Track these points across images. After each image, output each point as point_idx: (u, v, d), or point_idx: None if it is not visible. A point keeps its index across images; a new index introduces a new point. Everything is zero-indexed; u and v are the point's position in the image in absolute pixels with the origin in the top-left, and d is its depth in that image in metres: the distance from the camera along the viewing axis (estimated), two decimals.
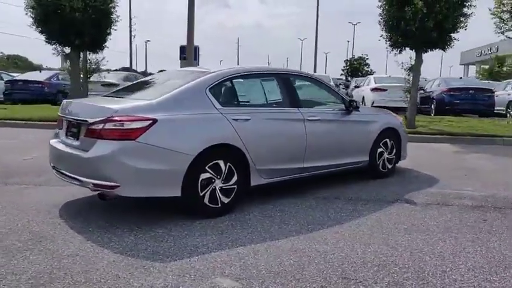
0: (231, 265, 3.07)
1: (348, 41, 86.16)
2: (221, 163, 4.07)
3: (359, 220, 4.13)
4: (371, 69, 49.95)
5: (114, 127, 3.64)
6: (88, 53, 12.51)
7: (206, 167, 3.97)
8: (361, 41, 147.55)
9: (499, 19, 12.19)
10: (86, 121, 3.83)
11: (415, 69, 11.07)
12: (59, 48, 12.15)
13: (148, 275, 2.89)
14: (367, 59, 51.88)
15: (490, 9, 12.05)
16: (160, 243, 3.45)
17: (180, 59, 22.08)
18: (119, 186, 3.61)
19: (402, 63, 11.10)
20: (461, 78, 18.52)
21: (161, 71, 12.31)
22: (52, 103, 16.67)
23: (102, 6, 11.73)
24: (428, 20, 9.74)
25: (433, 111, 15.80)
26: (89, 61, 12.72)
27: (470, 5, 10.17)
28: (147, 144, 3.67)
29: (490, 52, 46.39)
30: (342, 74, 52.48)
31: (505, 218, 4.29)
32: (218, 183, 4.07)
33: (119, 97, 4.48)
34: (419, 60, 10.94)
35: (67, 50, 12.22)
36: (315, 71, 46.95)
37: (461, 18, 10.30)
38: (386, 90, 15.94)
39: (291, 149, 4.74)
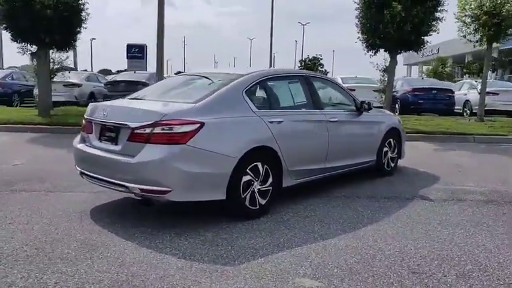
0: (300, 265, 3.12)
1: (296, 41, 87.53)
2: (259, 165, 4.10)
3: (391, 217, 4.30)
4: (325, 70, 51.01)
5: (163, 131, 3.57)
6: (51, 52, 11.94)
7: (247, 170, 3.99)
8: (310, 41, 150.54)
9: (462, 23, 12.90)
10: (127, 125, 3.73)
11: (389, 71, 11.57)
12: (25, 47, 11.56)
13: (226, 279, 2.88)
14: (321, 59, 52.82)
15: (454, 14, 12.74)
16: (217, 246, 3.43)
17: (127, 58, 21.68)
18: (170, 191, 3.55)
19: (377, 64, 11.56)
20: (422, 78, 19.44)
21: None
22: (7, 104, 15.74)
23: (73, 3, 11.31)
24: (406, 23, 10.20)
25: (398, 110, 16.50)
26: (52, 60, 12.16)
27: (443, 10, 10.77)
28: (196, 147, 3.63)
29: (431, 53, 49.01)
30: None
31: None
32: (256, 185, 4.09)
33: (151, 100, 4.37)
34: (394, 62, 11.44)
35: (33, 48, 11.63)
36: None
37: (433, 22, 10.89)
38: (354, 90, 16.43)
39: (317, 150, 4.86)
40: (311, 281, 2.88)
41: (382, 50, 11.43)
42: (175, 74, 12.30)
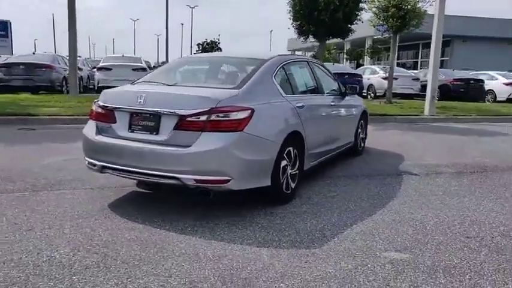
0: (373, 241, 3.29)
1: (183, 24, 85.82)
2: (291, 150, 4.16)
3: (401, 192, 4.69)
4: None
5: (220, 118, 3.44)
6: None
7: (284, 154, 4.03)
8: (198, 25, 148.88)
9: (373, 14, 14.06)
10: (175, 113, 3.50)
11: (318, 57, 12.19)
12: None
13: (325, 260, 2.93)
14: (219, 43, 52.80)
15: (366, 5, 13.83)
16: (281, 231, 3.43)
17: None
18: (230, 180, 3.45)
19: (307, 50, 12.08)
20: (333, 64, 20.63)
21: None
22: None
23: None
24: (338, 11, 10.83)
25: None
26: None
27: (366, 1, 11.64)
28: (251, 134, 3.57)
29: (313, 39, 52.11)
30: None
31: (496, 178, 5.38)
32: (289, 170, 4.16)
33: (183, 85, 4.13)
34: (323, 48, 12.07)
35: None
36: (167, 56, 46.20)
37: (358, 12, 11.73)
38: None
39: (325, 133, 5.07)
40: (397, 254, 3.08)
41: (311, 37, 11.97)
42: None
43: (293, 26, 11.85)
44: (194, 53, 55.69)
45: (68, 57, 18.26)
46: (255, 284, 2.61)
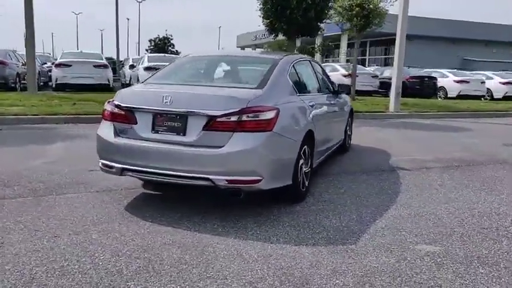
0: (401, 235, 3.43)
1: (128, 19, 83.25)
2: (306, 148, 4.24)
3: (403, 186, 4.90)
4: (177, 50, 50.47)
5: (251, 118, 3.44)
6: None
7: (301, 153, 4.10)
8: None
9: (337, 13, 14.42)
10: (205, 113, 3.46)
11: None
12: None
13: (365, 255, 3.02)
14: (172, 39, 52.09)
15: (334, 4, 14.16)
16: (311, 229, 3.49)
17: None
18: (261, 179, 3.47)
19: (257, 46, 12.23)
20: None
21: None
22: None
23: None
24: (310, 10, 11.03)
25: None
26: None
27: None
28: (278, 134, 3.60)
29: (264, 36, 52.65)
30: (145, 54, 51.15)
31: (481, 172, 5.74)
32: (303, 168, 4.23)
33: (198, 85, 4.07)
34: (294, 45, 12.25)
35: None
36: (117, 52, 44.69)
37: (327, 11, 12.01)
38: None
39: (328, 131, 5.18)
40: (429, 246, 3.24)
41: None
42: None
43: (263, 24, 11.92)
44: (146, 50, 54.69)
45: (18, 53, 17.40)
46: (312, 282, 2.65)
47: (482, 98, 20.74)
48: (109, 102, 3.92)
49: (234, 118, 3.42)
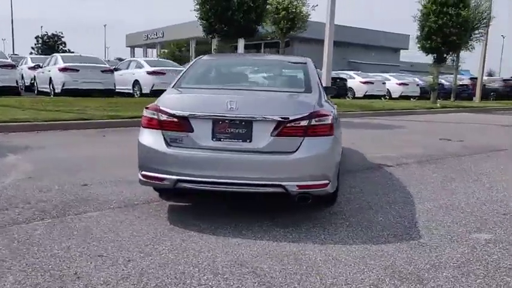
0: (449, 226, 3.72)
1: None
2: None
3: (404, 182, 5.24)
4: (69, 49, 46.74)
5: (318, 123, 3.43)
6: None
7: None
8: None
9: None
10: (273, 119, 3.36)
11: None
12: None
13: (431, 250, 3.23)
14: (63, 37, 48.16)
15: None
16: (356, 229, 3.59)
17: None
18: (329, 183, 3.48)
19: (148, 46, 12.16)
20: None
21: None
22: None
23: None
24: (251, 12, 11.15)
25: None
26: None
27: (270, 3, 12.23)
28: (336, 137, 3.67)
29: (156, 36, 51.71)
30: (31, 53, 46.59)
31: (456, 165, 6.37)
32: None
33: (240, 89, 3.90)
34: (229, 47, 12.27)
35: None
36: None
37: (263, 13, 12.25)
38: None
39: None
40: (482, 235, 3.56)
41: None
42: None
43: (200, 25, 11.74)
44: (32, 48, 49.63)
45: None
46: (424, 277, 2.77)
47: (383, 98, 22.87)
48: (148, 108, 3.60)
49: (304, 123, 3.38)
